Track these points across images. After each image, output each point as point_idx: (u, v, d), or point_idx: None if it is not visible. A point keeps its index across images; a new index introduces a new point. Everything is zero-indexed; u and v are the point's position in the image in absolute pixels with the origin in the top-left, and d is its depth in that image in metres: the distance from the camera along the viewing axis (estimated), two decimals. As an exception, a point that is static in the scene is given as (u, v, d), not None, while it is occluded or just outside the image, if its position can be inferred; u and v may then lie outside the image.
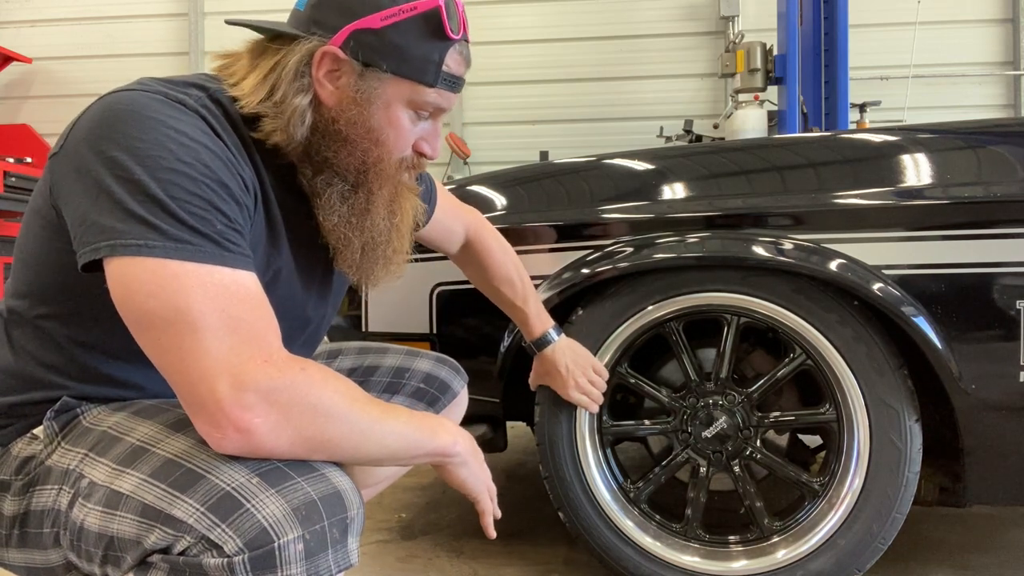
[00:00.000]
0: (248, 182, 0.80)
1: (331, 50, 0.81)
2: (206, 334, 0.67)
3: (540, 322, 1.30)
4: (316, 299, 0.99)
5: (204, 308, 0.68)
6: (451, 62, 0.85)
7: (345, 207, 0.87)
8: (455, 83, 0.87)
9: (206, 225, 0.71)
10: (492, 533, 0.94)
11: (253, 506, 0.66)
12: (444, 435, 0.85)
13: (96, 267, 0.71)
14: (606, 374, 1.37)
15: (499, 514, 0.95)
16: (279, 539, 0.65)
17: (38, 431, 0.81)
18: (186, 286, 0.68)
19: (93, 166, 0.71)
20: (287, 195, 0.88)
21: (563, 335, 1.32)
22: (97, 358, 0.81)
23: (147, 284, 0.68)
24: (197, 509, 0.66)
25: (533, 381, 1.37)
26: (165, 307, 0.67)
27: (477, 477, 0.90)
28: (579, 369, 1.32)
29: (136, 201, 0.69)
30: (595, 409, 1.36)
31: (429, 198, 1.19)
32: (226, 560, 0.65)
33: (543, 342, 1.30)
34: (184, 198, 0.70)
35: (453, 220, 1.24)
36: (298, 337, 0.97)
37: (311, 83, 0.82)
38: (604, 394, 1.37)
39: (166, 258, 0.68)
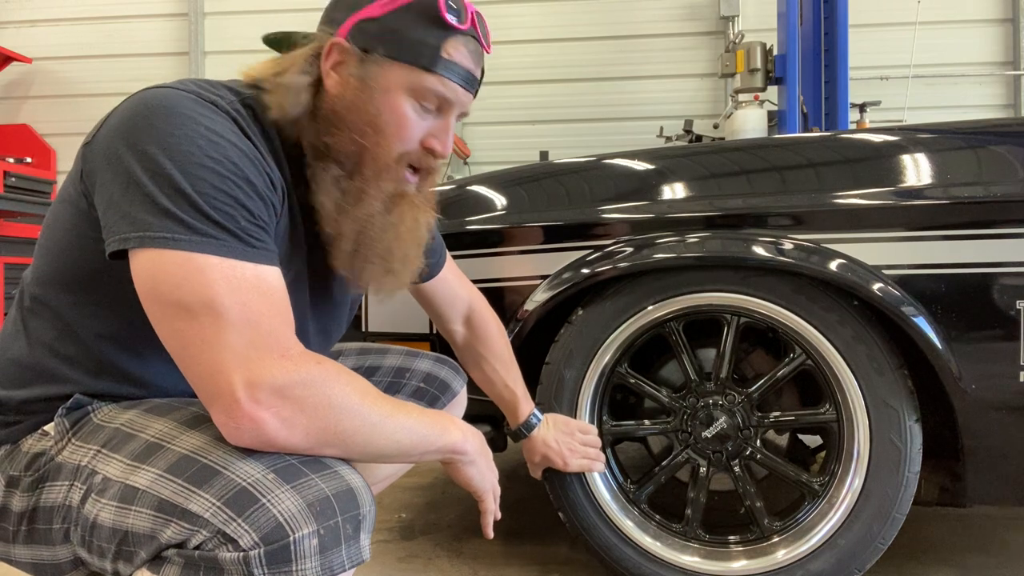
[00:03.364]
0: (276, 182, 0.81)
1: (337, 41, 0.84)
2: (226, 327, 0.69)
3: (526, 405, 1.31)
4: (331, 310, 1.00)
5: (226, 301, 0.69)
6: (453, 51, 0.85)
7: (338, 191, 0.85)
8: (462, 75, 0.86)
9: (231, 221, 0.72)
10: (490, 533, 0.95)
11: (269, 501, 0.67)
12: (455, 432, 0.86)
13: (122, 255, 0.72)
14: (594, 429, 1.38)
15: (499, 515, 0.96)
16: (294, 534, 0.66)
17: (49, 427, 0.81)
18: (210, 279, 0.70)
19: (125, 157, 0.73)
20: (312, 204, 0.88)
21: (544, 414, 1.33)
22: (114, 351, 0.82)
23: (173, 276, 0.69)
24: (213, 503, 0.67)
25: (535, 471, 1.37)
26: (188, 299, 0.69)
27: (484, 476, 0.92)
28: (568, 437, 1.33)
29: (164, 195, 0.71)
30: (601, 468, 1.36)
31: (438, 251, 1.18)
32: (242, 554, 0.65)
33: (530, 424, 1.30)
34: (210, 193, 0.72)
35: (459, 286, 1.24)
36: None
37: (318, 72, 0.85)
38: (602, 418, 1.37)
39: (191, 251, 0.70)
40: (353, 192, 0.86)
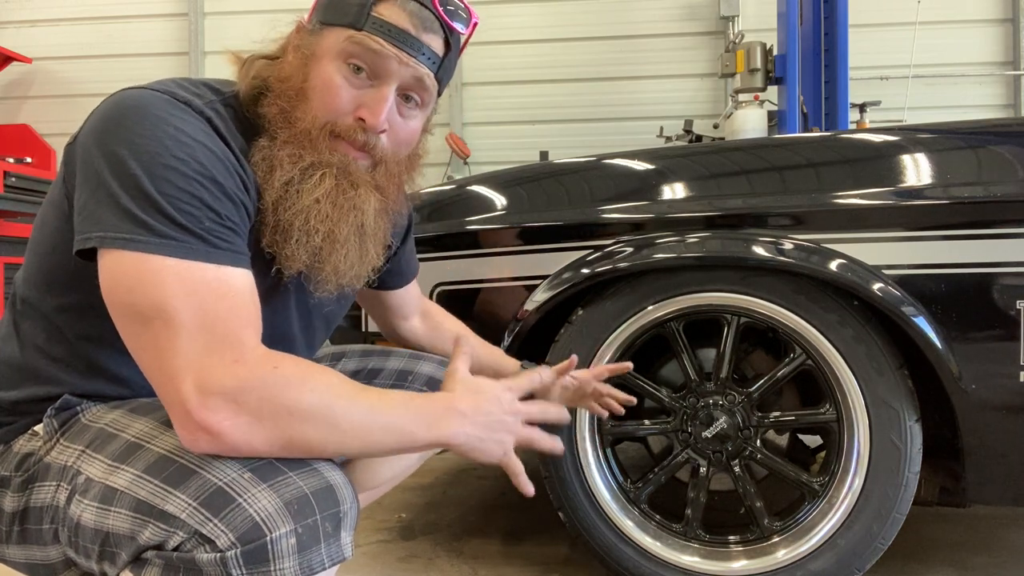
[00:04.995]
0: (250, 184, 0.79)
1: (299, 22, 0.86)
2: (179, 332, 0.68)
3: (512, 360, 1.26)
4: (320, 310, 0.99)
5: (179, 305, 0.68)
6: (385, 10, 0.81)
7: (260, 159, 0.80)
8: (395, 34, 0.80)
9: (194, 222, 0.71)
10: (529, 490, 0.84)
11: (245, 500, 0.66)
12: (445, 427, 0.77)
13: (91, 256, 0.72)
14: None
15: (531, 490, 0.84)
16: (271, 533, 0.65)
17: (38, 428, 0.81)
18: (164, 281, 0.68)
19: (95, 158, 0.73)
20: None
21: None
22: (100, 352, 0.82)
23: (128, 278, 0.69)
24: (189, 504, 0.67)
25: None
26: (143, 302, 0.68)
27: (489, 453, 0.80)
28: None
29: (128, 196, 0.70)
30: (618, 410, 1.20)
31: (413, 265, 1.18)
32: (219, 555, 0.65)
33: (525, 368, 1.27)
34: (174, 194, 0.71)
35: (417, 293, 1.24)
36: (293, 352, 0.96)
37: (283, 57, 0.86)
38: None
39: (149, 253, 0.69)
40: (269, 158, 0.80)
